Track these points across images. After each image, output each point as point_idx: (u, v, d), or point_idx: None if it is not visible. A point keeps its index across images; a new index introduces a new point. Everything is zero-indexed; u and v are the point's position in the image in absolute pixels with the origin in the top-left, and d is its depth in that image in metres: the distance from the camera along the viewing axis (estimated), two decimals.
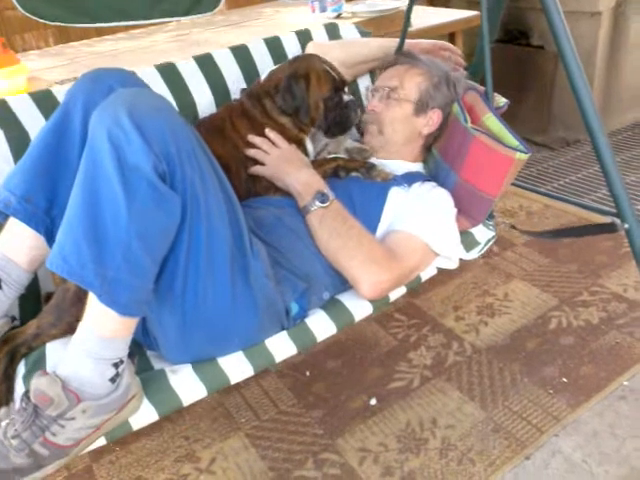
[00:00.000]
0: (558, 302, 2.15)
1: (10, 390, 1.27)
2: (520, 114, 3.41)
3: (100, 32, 3.08)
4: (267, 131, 1.64)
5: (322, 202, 1.48)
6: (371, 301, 1.49)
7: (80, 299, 1.20)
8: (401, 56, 1.85)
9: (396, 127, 1.73)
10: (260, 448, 1.68)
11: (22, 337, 1.33)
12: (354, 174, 1.67)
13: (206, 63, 1.87)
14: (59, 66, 2.64)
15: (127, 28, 3.10)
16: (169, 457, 1.67)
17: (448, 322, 2.10)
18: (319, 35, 2.08)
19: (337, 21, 2.89)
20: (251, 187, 1.64)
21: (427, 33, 2.85)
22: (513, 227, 1.83)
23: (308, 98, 1.63)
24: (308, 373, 1.92)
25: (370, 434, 1.70)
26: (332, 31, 2.12)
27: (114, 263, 1.08)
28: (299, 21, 3.04)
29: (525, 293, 2.21)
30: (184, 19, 1.76)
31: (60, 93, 1.61)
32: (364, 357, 1.97)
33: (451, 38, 3.27)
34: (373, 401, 1.80)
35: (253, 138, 1.63)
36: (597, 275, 2.27)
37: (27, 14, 1.63)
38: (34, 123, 1.56)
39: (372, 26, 2.87)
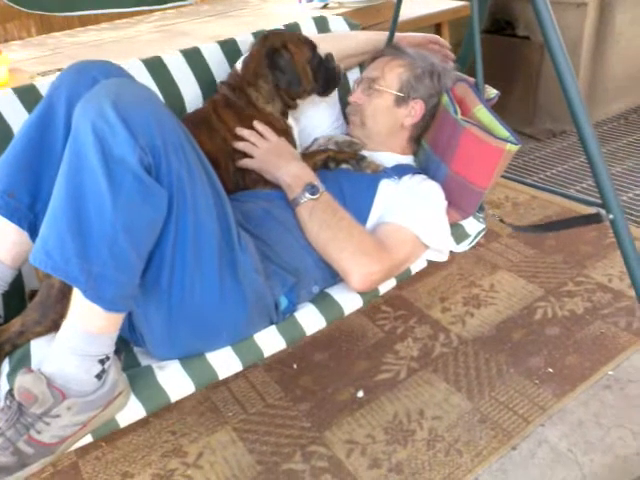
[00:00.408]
0: (544, 293, 2.16)
1: None
2: (506, 105, 3.40)
3: (84, 22, 3.04)
4: (255, 123, 1.62)
5: (312, 194, 1.47)
6: (361, 294, 1.49)
7: (65, 296, 1.18)
8: (387, 48, 1.85)
9: (377, 118, 1.73)
10: (248, 442, 1.67)
11: (6, 335, 1.30)
12: (344, 166, 1.66)
13: (194, 57, 1.84)
14: (41, 57, 2.60)
15: (111, 18, 3.06)
16: (156, 452, 1.66)
17: (434, 313, 2.11)
18: (308, 28, 2.05)
19: (324, 12, 2.88)
20: (240, 180, 1.62)
21: (413, 24, 2.84)
22: (502, 221, 1.83)
23: (296, 67, 1.62)
24: (295, 366, 1.92)
25: (357, 426, 1.70)
26: (321, 24, 2.09)
27: (99, 258, 1.06)
28: (286, 11, 3.02)
29: (511, 284, 2.22)
30: (165, 7, 1.74)
31: (44, 87, 1.58)
32: (351, 349, 1.97)
33: (437, 29, 3.25)
34: (360, 393, 1.80)
35: (241, 131, 1.61)
36: (582, 265, 2.29)
37: (8, 2, 1.60)
38: (17, 118, 1.53)
39: (359, 16, 2.85)
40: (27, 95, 1.57)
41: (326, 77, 1.69)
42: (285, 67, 1.61)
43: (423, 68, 1.73)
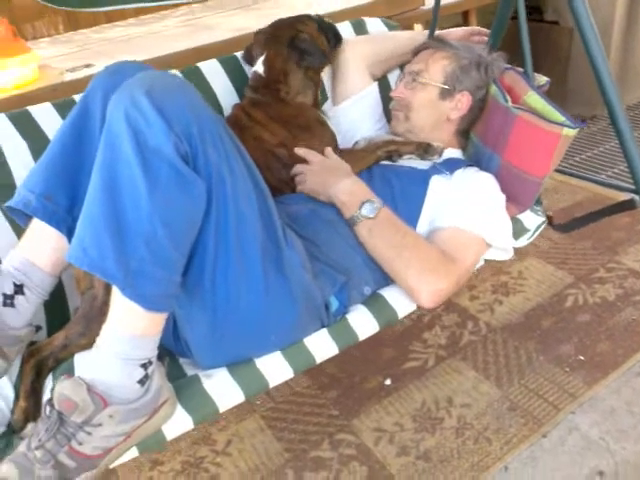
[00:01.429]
0: (574, 279, 2.13)
1: (37, 406, 1.20)
2: None
3: (110, 18, 3.07)
4: (296, 150, 1.58)
5: (369, 212, 1.39)
6: None
7: (108, 307, 1.10)
8: (431, 40, 1.79)
9: (421, 112, 1.67)
10: (276, 430, 1.68)
11: (49, 349, 1.26)
12: (406, 157, 1.62)
13: (231, 64, 1.84)
14: (70, 53, 2.64)
15: (137, 13, 3.09)
16: (185, 440, 1.67)
17: (462, 301, 2.09)
18: (345, 31, 1.98)
19: (349, 2, 2.87)
20: (285, 186, 1.59)
21: (441, 11, 2.78)
22: (548, 217, 1.75)
23: (316, 41, 1.68)
24: None
25: (385, 414, 1.70)
26: (358, 27, 2.05)
27: (137, 253, 1.01)
28: (311, 2, 3.01)
29: (540, 271, 2.20)
30: (190, 1, 1.74)
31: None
32: (378, 337, 1.91)
33: (465, 16, 3.22)
34: (388, 381, 1.80)
35: (299, 150, 1.57)
36: (614, 251, 2.25)
37: None
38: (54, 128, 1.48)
39: (385, 5, 2.83)
40: (68, 110, 1.44)
41: (331, 33, 1.76)
42: (310, 47, 1.63)
43: (469, 59, 1.66)
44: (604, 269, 2.17)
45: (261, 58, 1.68)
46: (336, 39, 1.79)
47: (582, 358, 1.80)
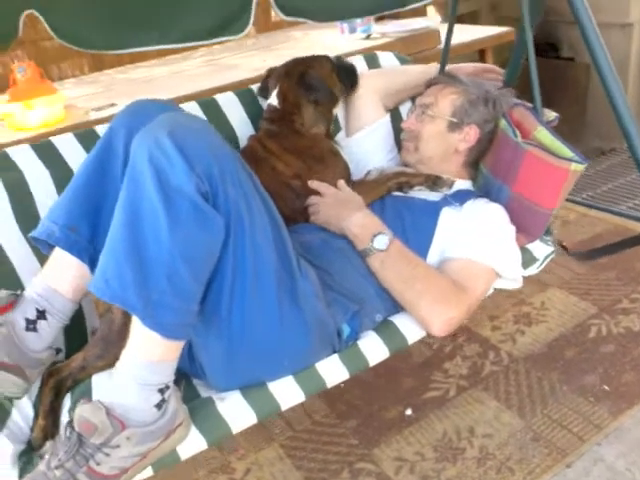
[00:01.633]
0: (597, 310, 2.11)
1: (56, 424, 1.24)
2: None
3: (133, 59, 3.16)
4: (309, 183, 1.61)
5: (381, 245, 1.42)
6: None
7: (126, 330, 1.14)
8: (441, 76, 1.84)
9: (430, 143, 1.71)
10: (295, 458, 1.67)
11: (67, 370, 1.30)
12: (417, 188, 1.64)
13: (246, 96, 1.88)
14: (94, 93, 2.71)
15: (159, 54, 3.17)
16: (203, 468, 1.67)
17: (484, 332, 2.08)
18: (358, 64, 2.00)
19: (367, 42, 2.93)
20: (299, 216, 1.61)
21: (458, 51, 2.82)
22: (563, 247, 1.74)
23: (325, 80, 1.71)
24: (342, 384, 1.90)
25: (406, 444, 1.68)
26: (371, 60, 2.09)
27: (157, 285, 1.06)
28: (329, 43, 3.06)
29: (563, 301, 2.17)
30: (212, 42, 1.80)
31: (102, 129, 1.59)
32: (398, 367, 1.95)
33: (481, 54, 3.26)
34: (409, 411, 1.78)
35: (312, 183, 1.60)
36: (637, 282, 2.22)
37: (61, 41, 1.69)
38: (80, 162, 1.50)
39: (402, 46, 2.88)
40: (90, 140, 1.55)
41: (347, 76, 1.80)
42: (318, 84, 1.67)
43: (478, 94, 1.70)
44: (628, 300, 2.14)
45: (275, 91, 1.72)
46: (352, 82, 1.82)
47: (607, 388, 1.77)
